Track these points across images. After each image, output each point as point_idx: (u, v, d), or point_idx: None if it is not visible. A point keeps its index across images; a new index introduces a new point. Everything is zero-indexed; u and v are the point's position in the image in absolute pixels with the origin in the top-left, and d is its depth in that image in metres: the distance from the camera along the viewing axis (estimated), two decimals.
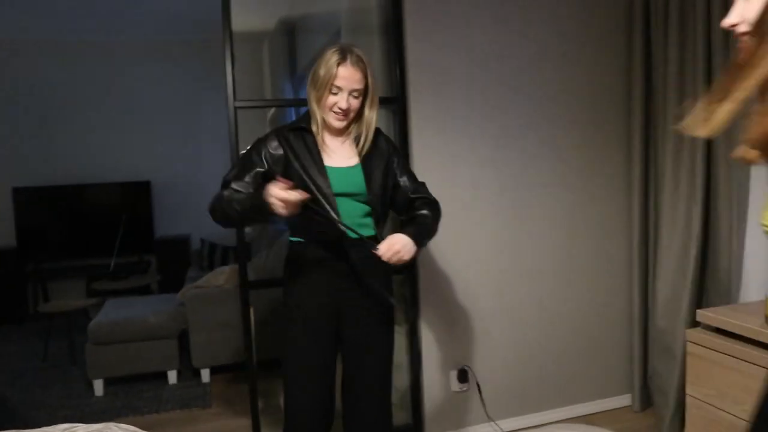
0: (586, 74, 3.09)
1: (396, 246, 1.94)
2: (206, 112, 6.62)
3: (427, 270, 2.92)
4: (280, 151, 2.05)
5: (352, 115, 2.04)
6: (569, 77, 3.06)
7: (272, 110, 5.61)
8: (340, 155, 2.08)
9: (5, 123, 6.24)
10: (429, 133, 2.87)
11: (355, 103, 2.01)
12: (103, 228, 6.31)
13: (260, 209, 1.85)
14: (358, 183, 2.05)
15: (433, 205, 2.16)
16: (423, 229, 2.08)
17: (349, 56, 1.98)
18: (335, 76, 1.96)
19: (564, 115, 3.07)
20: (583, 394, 3.21)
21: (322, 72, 1.99)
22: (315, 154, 2.04)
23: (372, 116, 2.07)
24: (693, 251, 2.79)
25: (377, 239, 2.04)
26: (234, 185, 2.01)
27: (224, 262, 5.90)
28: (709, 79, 2.70)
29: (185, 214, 6.66)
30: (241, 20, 2.79)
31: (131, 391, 4.02)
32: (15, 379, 4.36)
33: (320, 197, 1.99)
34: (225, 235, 6.22)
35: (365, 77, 2.01)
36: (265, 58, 6.18)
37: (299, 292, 2.09)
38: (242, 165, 2.05)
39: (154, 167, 6.58)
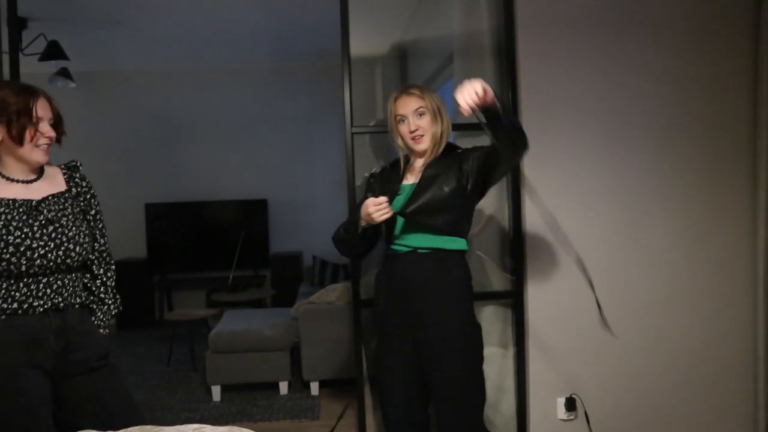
0: (706, 96, 2.95)
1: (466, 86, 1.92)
2: (320, 133, 6.88)
3: (536, 295, 2.90)
4: (369, 192, 2.37)
5: (426, 135, 2.22)
6: (687, 100, 2.94)
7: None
8: (416, 175, 2.28)
9: (139, 145, 6.81)
10: (542, 158, 2.86)
11: (422, 123, 2.21)
12: (223, 243, 6.69)
13: (355, 224, 2.23)
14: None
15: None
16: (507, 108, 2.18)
17: (399, 91, 2.26)
18: (396, 108, 2.26)
19: (681, 140, 2.95)
20: None
21: (388, 116, 2.30)
22: (399, 175, 2.32)
23: (437, 129, 2.23)
24: None
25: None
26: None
27: (334, 279, 6.09)
28: None
29: (299, 231, 6.93)
30: (357, 45, 2.92)
31: (246, 398, 4.24)
32: (144, 380, 4.73)
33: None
34: (335, 253, 6.39)
35: (422, 99, 2.22)
36: (377, 82, 6.35)
37: (377, 303, 2.35)
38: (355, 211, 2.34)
39: (271, 186, 6.92)
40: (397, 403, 2.26)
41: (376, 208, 2.09)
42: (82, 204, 2.00)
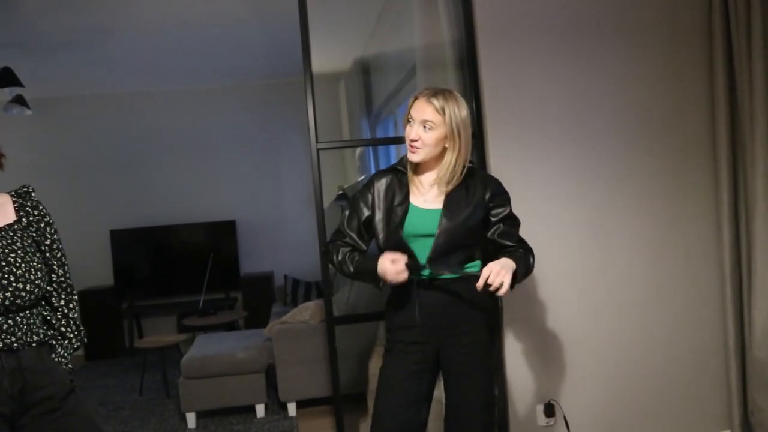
0: (667, 100, 3.01)
1: (496, 267, 1.90)
2: (287, 151, 6.84)
3: (511, 302, 2.90)
4: (370, 194, 2.15)
5: (424, 149, 2.01)
6: (650, 104, 3.00)
7: (359, 148, 5.75)
8: (429, 196, 2.11)
9: (103, 171, 6.68)
10: (508, 166, 2.87)
11: (425, 136, 2.00)
12: (192, 266, 6.58)
13: (371, 278, 2.04)
14: (431, 226, 2.07)
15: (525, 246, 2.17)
16: (520, 260, 2.05)
17: (426, 91, 2.04)
18: (410, 107, 2.06)
19: (645, 142, 3.00)
20: (679, 430, 3.07)
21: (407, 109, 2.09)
22: (404, 192, 2.12)
23: (450, 160, 2.03)
24: None
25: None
26: (346, 230, 2.16)
27: (307, 297, 6.03)
28: None
29: (269, 251, 6.86)
30: (319, 62, 2.91)
31: (222, 424, 4.14)
32: (115, 411, 4.59)
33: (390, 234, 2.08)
34: (307, 272, 6.38)
35: (439, 113, 1.99)
36: (341, 98, 6.37)
37: (396, 325, 2.16)
38: (351, 211, 2.18)
39: (239, 207, 6.84)
40: (396, 404, 2.11)
41: (396, 276, 1.95)
42: (34, 234, 1.83)
